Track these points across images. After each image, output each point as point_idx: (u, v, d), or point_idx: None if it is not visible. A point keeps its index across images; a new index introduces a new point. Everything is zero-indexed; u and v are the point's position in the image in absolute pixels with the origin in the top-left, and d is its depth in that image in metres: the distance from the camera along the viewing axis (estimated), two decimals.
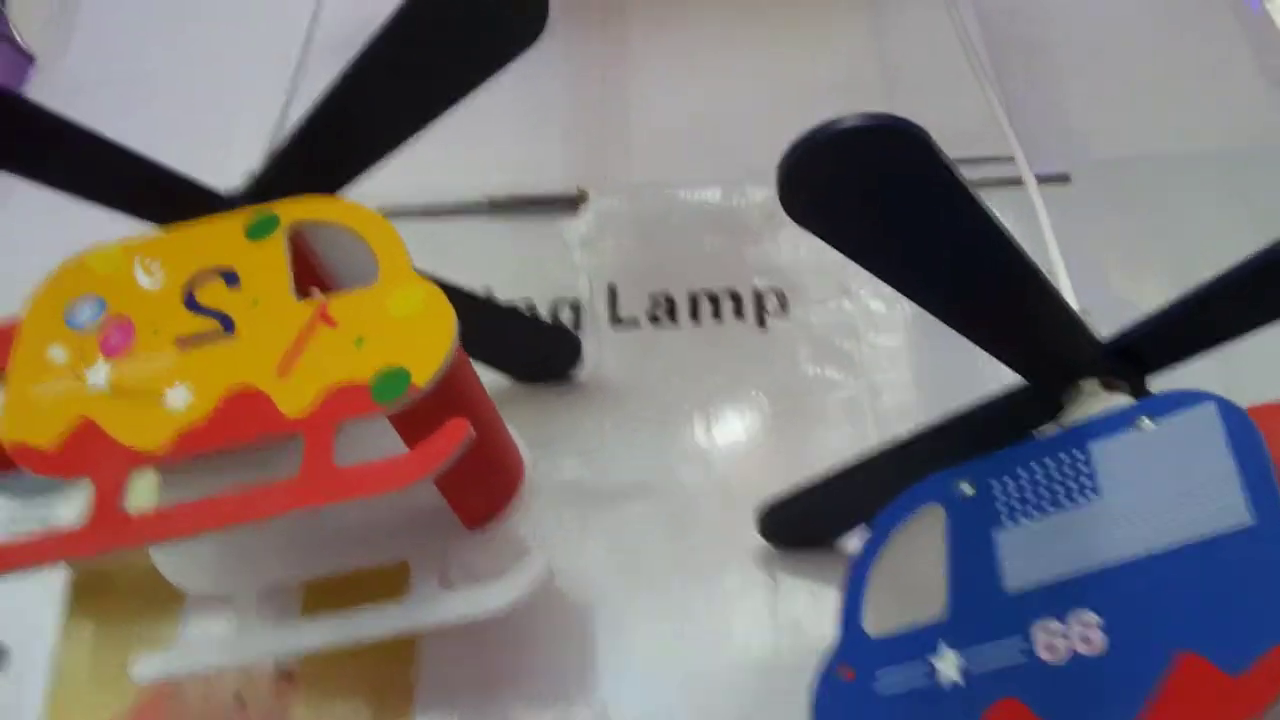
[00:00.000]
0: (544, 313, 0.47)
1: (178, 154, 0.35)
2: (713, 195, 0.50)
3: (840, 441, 0.42)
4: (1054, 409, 0.30)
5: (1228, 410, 0.25)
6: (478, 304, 0.40)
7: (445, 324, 0.28)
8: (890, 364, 0.45)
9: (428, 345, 0.27)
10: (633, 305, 0.48)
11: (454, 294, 0.29)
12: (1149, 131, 0.52)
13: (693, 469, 0.43)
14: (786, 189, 0.25)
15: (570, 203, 0.50)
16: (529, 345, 0.43)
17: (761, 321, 0.47)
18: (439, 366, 0.27)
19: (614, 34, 0.57)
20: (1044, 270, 0.28)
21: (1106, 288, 0.45)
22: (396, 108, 0.34)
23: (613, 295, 0.48)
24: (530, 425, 0.36)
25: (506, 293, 0.47)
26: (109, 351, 0.30)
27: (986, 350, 0.30)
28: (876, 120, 0.23)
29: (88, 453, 0.28)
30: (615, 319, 0.47)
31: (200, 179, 0.35)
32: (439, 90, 0.33)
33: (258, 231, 0.31)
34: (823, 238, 0.26)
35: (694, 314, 0.47)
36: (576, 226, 0.50)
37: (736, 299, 0.47)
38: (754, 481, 0.41)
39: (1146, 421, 0.27)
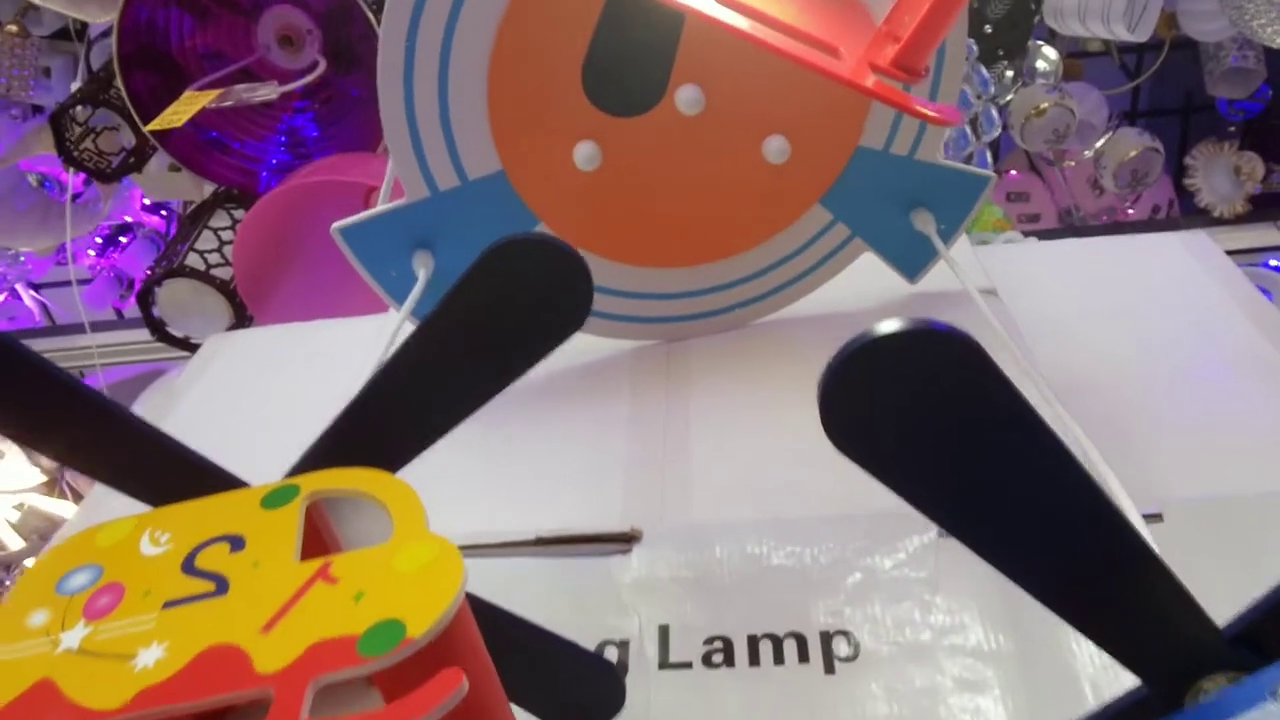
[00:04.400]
0: None
1: None
2: (775, 535, 0.48)
3: None
4: (1175, 706, 0.25)
5: None
6: (506, 622, 0.37)
7: (452, 577, 0.25)
8: (975, 717, 0.40)
9: (429, 597, 0.24)
10: (686, 648, 0.43)
11: (481, 609, 0.27)
12: (1236, 472, 0.49)
13: None
14: (826, 410, 0.22)
15: (623, 540, 0.47)
16: (564, 680, 0.39)
17: (830, 667, 0.42)
18: (438, 618, 0.24)
19: (677, 385, 0.57)
20: None
21: None
22: (435, 397, 0.33)
23: (664, 637, 0.44)
24: None
25: None
26: (91, 615, 0.27)
27: (1087, 634, 0.26)
28: (915, 325, 0.21)
29: (35, 715, 0.24)
30: (665, 662, 0.43)
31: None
32: (480, 379, 0.33)
33: (274, 501, 0.30)
34: (871, 470, 0.23)
35: (753, 658, 0.43)
36: (628, 565, 0.47)
37: (801, 641, 0.43)
38: None
39: None
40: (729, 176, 0.58)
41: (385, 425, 0.33)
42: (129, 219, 1.89)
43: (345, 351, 0.71)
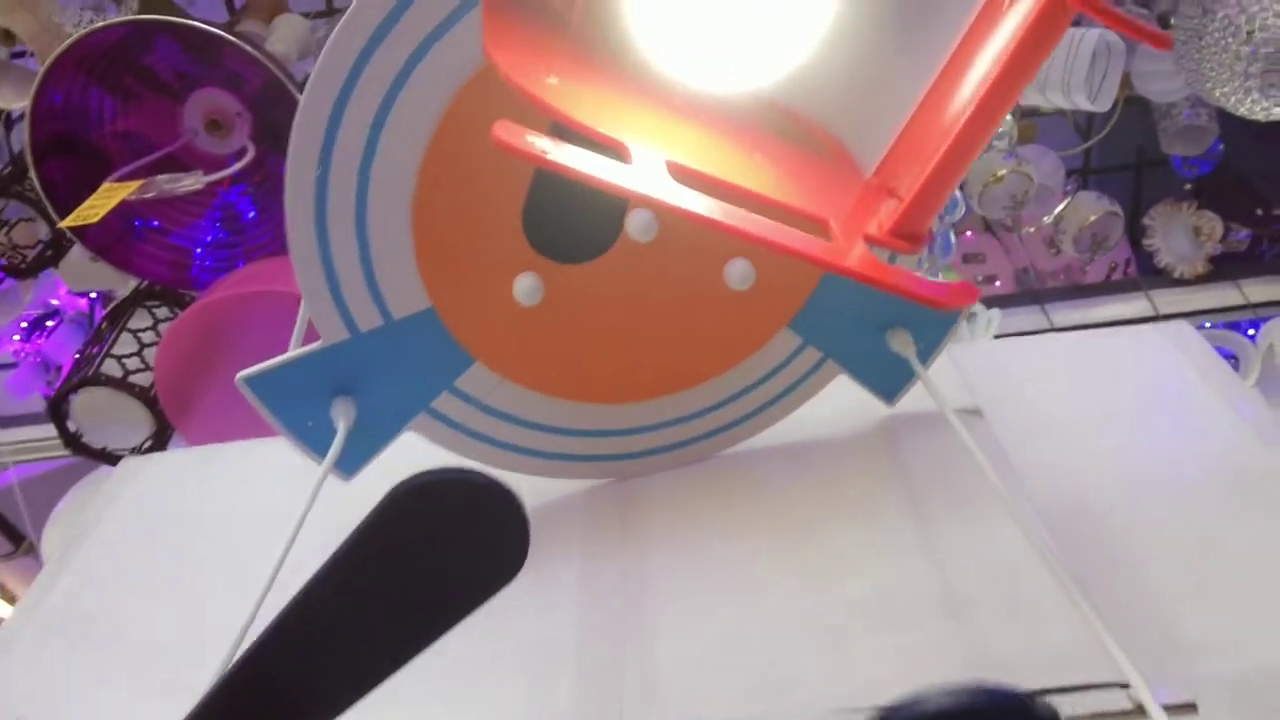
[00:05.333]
0: None
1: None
2: None
3: None
4: None
5: None
6: None
7: None
8: None
9: None
10: None
11: None
12: (1252, 617, 0.45)
13: None
14: None
15: None
16: None
17: None
18: None
19: (631, 559, 0.51)
20: None
21: None
22: (327, 673, 0.27)
23: None
24: None
25: None
26: None
27: None
28: (982, 699, 0.15)
29: None
30: None
31: None
32: (387, 645, 0.26)
33: None
34: None
35: None
36: None
37: None
38: None
39: None
40: (687, 305, 0.52)
41: (269, 698, 0.26)
42: (55, 302, 1.80)
43: (265, 480, 0.64)
